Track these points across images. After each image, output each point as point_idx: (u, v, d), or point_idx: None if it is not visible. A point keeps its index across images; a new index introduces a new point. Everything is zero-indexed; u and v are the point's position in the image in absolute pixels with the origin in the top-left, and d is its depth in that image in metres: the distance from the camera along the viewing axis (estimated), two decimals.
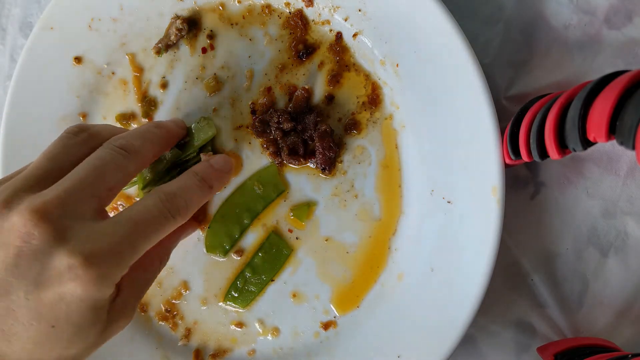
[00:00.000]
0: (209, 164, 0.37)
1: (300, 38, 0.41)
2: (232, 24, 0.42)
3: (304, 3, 0.40)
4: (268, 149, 0.41)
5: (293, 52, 0.41)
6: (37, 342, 0.28)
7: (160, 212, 0.31)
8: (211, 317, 0.42)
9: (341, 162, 0.40)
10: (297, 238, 0.41)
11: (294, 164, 0.41)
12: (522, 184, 0.39)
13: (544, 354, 0.36)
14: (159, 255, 0.36)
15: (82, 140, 0.33)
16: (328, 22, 0.40)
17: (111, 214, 0.31)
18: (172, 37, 0.42)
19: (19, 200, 0.28)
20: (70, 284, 0.27)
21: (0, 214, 0.28)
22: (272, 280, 0.41)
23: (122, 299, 0.31)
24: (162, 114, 0.43)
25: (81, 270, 0.27)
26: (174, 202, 0.32)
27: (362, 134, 0.40)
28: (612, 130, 0.24)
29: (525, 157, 0.32)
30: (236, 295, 0.42)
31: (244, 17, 0.42)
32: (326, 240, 0.41)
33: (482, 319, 0.39)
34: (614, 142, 0.24)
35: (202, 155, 0.40)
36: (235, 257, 0.42)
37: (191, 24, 0.42)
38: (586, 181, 0.38)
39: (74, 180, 0.30)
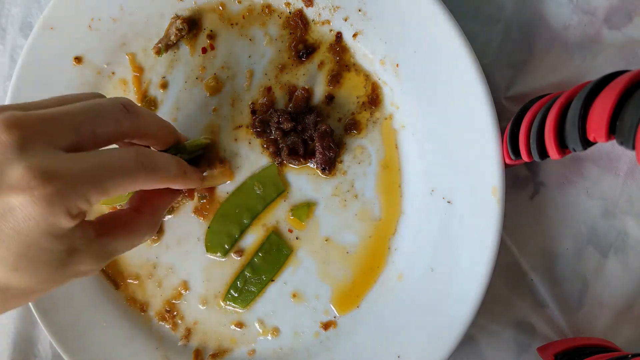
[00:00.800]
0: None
1: (300, 38, 0.41)
2: (232, 24, 0.42)
3: (304, 3, 0.40)
4: (268, 149, 0.41)
5: (293, 52, 0.41)
6: None
7: (134, 161, 0.30)
8: (211, 317, 0.42)
9: (341, 162, 0.40)
10: (297, 238, 0.41)
11: (294, 164, 0.41)
12: (522, 184, 0.39)
13: (544, 354, 0.36)
14: (147, 219, 0.35)
15: (86, 97, 0.33)
16: (328, 22, 0.40)
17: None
18: (172, 37, 0.42)
19: (3, 111, 0.27)
20: (20, 197, 0.26)
21: None
22: (272, 280, 0.41)
23: (91, 245, 0.30)
24: (162, 114, 0.43)
25: (34, 183, 0.26)
26: (150, 158, 0.32)
27: (362, 134, 0.40)
28: (612, 130, 0.24)
29: (525, 157, 0.32)
30: (236, 295, 0.42)
31: (244, 17, 0.42)
32: (326, 240, 0.41)
33: (482, 319, 0.39)
34: (614, 142, 0.24)
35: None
36: (235, 257, 0.42)
37: (191, 24, 0.42)
38: (586, 181, 0.38)
39: (63, 109, 0.29)
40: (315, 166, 0.41)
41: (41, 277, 0.28)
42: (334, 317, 0.40)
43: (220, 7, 0.42)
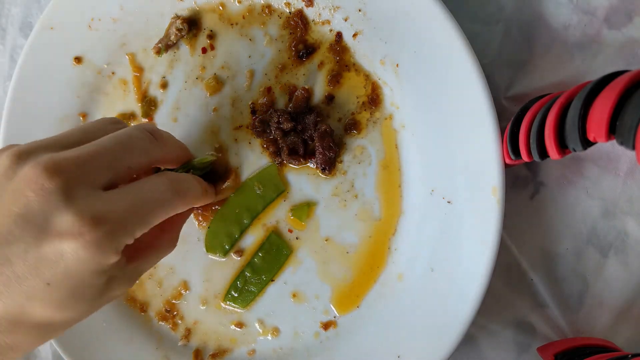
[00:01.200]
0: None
1: (300, 38, 0.41)
2: (232, 24, 0.42)
3: (304, 3, 0.40)
4: (268, 149, 0.41)
5: (293, 52, 0.41)
6: (29, 297, 0.27)
7: (169, 190, 0.32)
8: (211, 317, 0.42)
9: (341, 162, 0.40)
10: (297, 238, 0.41)
11: (294, 164, 0.41)
12: (522, 184, 0.39)
13: (544, 354, 0.36)
14: (169, 236, 0.36)
15: (118, 127, 0.34)
16: (328, 22, 0.40)
17: None
18: (172, 37, 0.42)
19: (36, 154, 0.28)
20: (72, 243, 0.26)
21: (16, 165, 0.28)
22: (272, 280, 0.41)
23: (125, 271, 0.31)
24: (162, 114, 0.43)
25: (85, 230, 0.26)
26: (180, 184, 0.33)
27: (362, 134, 0.40)
28: (612, 130, 0.24)
29: (525, 157, 0.32)
30: (236, 295, 0.42)
31: (244, 17, 0.42)
32: (326, 240, 0.41)
33: (482, 319, 0.39)
34: (614, 142, 0.24)
35: None
36: (235, 257, 0.42)
37: (191, 24, 0.42)
38: (586, 181, 0.38)
39: (97, 147, 0.30)
40: (315, 166, 0.41)
41: (83, 310, 0.30)
42: (334, 317, 0.40)
43: (220, 7, 0.42)
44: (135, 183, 0.31)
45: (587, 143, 0.26)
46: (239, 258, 0.42)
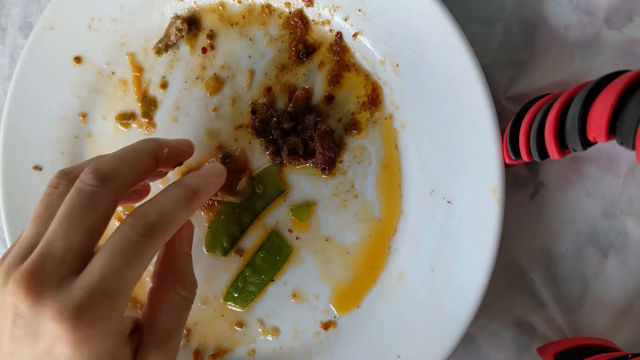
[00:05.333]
0: (197, 173, 0.36)
1: (300, 38, 0.41)
2: (232, 24, 0.42)
3: (304, 3, 0.40)
4: (268, 149, 0.41)
5: (293, 52, 0.41)
6: None
7: (133, 240, 0.29)
8: (211, 317, 0.42)
9: (341, 162, 0.40)
10: (297, 238, 0.41)
11: (294, 164, 0.41)
12: (522, 184, 0.39)
13: (544, 354, 0.36)
14: (179, 279, 0.34)
15: (61, 192, 0.32)
16: (328, 22, 0.40)
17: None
18: (172, 37, 0.42)
19: (8, 274, 0.28)
20: (60, 348, 0.26)
21: (1, 290, 0.28)
22: (272, 280, 0.41)
23: (145, 347, 0.30)
24: (162, 114, 0.43)
25: (63, 332, 0.26)
26: (148, 216, 0.30)
27: (362, 134, 0.40)
28: (612, 130, 0.24)
29: (525, 157, 0.32)
30: (236, 295, 0.42)
31: (244, 17, 0.42)
32: (326, 240, 0.41)
33: (482, 319, 0.39)
34: (614, 142, 0.24)
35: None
36: (235, 257, 0.42)
37: (191, 24, 0.42)
38: (586, 181, 0.38)
39: (46, 241, 0.29)
40: (315, 166, 0.41)
41: None
42: (334, 317, 0.40)
43: (220, 7, 0.42)
44: (100, 250, 0.29)
45: (587, 143, 0.26)
46: (239, 258, 0.42)
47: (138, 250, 0.29)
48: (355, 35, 0.39)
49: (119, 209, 0.44)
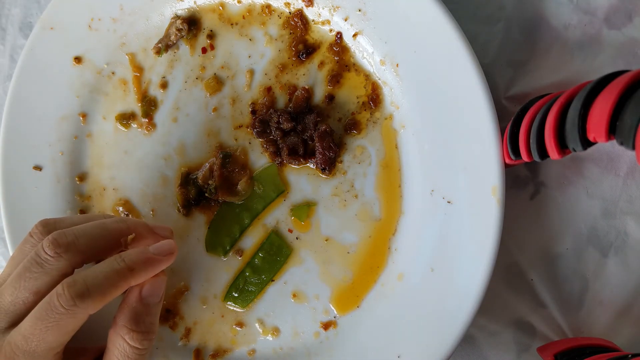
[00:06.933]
0: (142, 250, 0.35)
1: (300, 38, 0.41)
2: (232, 24, 0.42)
3: (304, 3, 0.40)
4: (268, 149, 0.41)
5: (293, 52, 0.41)
6: None
7: (56, 310, 0.30)
8: (211, 317, 0.42)
9: (341, 162, 0.40)
10: (297, 238, 0.41)
11: (294, 164, 0.41)
12: (522, 184, 0.39)
13: (544, 354, 0.36)
14: (130, 328, 0.33)
15: (34, 244, 0.34)
16: (328, 22, 0.40)
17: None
18: (172, 37, 0.42)
19: None
20: None
21: None
22: (272, 280, 0.41)
23: None
24: (162, 114, 0.43)
25: None
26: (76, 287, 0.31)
27: (362, 134, 0.40)
28: (612, 130, 0.24)
29: (525, 157, 0.32)
30: (236, 295, 0.42)
31: (244, 17, 0.42)
32: (326, 240, 0.41)
33: (482, 319, 0.39)
34: (614, 142, 0.24)
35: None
36: (235, 257, 0.42)
37: (191, 24, 0.42)
38: (586, 181, 0.38)
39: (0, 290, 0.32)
40: (315, 166, 0.41)
41: None
42: (334, 317, 0.40)
43: (220, 7, 0.42)
44: (36, 307, 0.31)
45: (587, 143, 0.26)
46: (239, 258, 0.42)
47: (60, 320, 0.30)
48: (355, 35, 0.39)
49: (119, 209, 0.44)
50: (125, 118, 0.44)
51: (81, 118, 0.44)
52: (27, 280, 0.31)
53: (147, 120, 0.43)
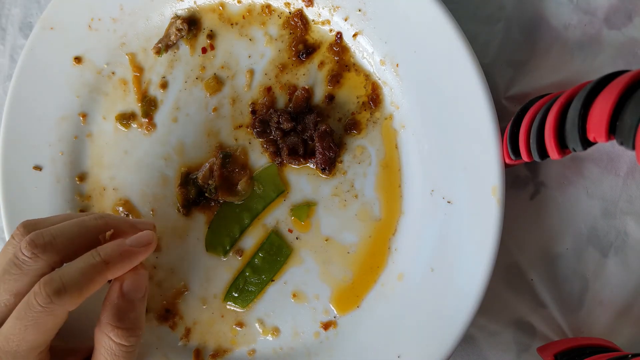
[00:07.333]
0: (119, 243, 0.34)
1: (300, 38, 0.41)
2: (232, 24, 0.42)
3: (304, 3, 0.40)
4: (268, 149, 0.41)
5: (293, 52, 0.41)
6: None
7: (34, 309, 0.30)
8: (211, 317, 0.42)
9: (341, 162, 0.40)
10: (297, 238, 0.41)
11: (294, 164, 0.41)
12: (522, 184, 0.39)
13: (544, 354, 0.36)
14: (114, 324, 0.33)
15: (15, 245, 0.33)
16: (328, 22, 0.40)
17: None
18: (172, 37, 0.42)
19: None
20: None
21: None
22: (272, 280, 0.41)
23: None
24: (162, 114, 0.43)
25: None
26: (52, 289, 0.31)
27: (362, 134, 0.40)
28: (612, 130, 0.24)
29: (525, 157, 0.32)
30: (236, 295, 0.42)
31: (244, 17, 0.42)
32: (326, 240, 0.41)
33: (482, 319, 0.39)
34: (614, 142, 0.24)
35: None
36: (235, 257, 0.42)
37: (191, 24, 0.42)
38: (586, 181, 0.38)
39: None
40: (315, 166, 0.41)
41: None
42: (334, 317, 0.40)
43: (220, 7, 0.42)
44: (16, 307, 0.31)
45: (587, 143, 0.26)
46: (239, 258, 0.42)
47: (38, 318, 0.30)
48: (355, 35, 0.39)
49: (119, 209, 0.44)
50: (125, 118, 0.44)
51: (81, 118, 0.44)
52: (7, 282, 0.31)
53: (147, 120, 0.43)
